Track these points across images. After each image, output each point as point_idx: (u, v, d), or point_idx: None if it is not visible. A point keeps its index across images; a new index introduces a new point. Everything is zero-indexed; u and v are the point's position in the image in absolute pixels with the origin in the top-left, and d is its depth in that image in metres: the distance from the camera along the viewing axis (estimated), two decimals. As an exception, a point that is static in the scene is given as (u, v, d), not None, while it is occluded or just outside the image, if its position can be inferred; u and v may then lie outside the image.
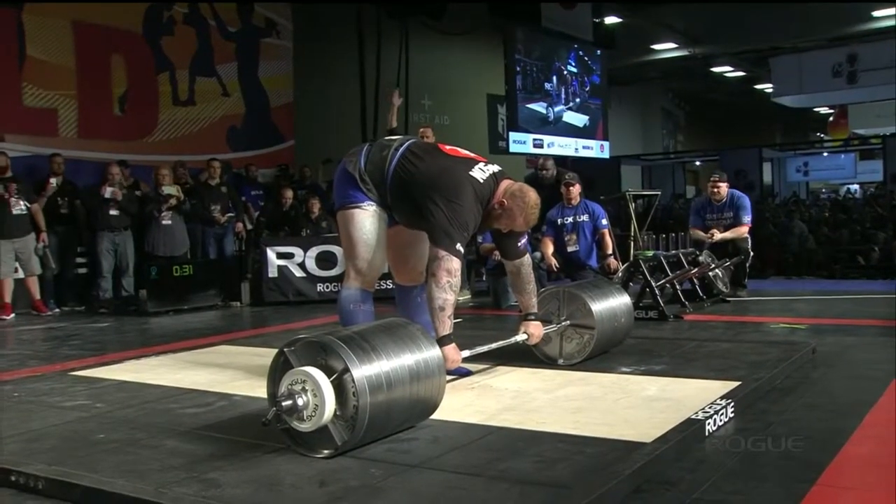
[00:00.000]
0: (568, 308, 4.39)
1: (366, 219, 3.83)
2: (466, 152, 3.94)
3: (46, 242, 8.39)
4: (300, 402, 2.75)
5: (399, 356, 2.90)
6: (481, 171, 3.75)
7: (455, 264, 3.54)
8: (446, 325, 3.57)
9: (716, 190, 7.67)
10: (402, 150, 3.81)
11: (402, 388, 2.88)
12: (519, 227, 3.81)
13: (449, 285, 3.53)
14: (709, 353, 4.60)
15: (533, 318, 4.14)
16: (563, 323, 4.37)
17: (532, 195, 3.76)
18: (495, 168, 3.83)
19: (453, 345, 3.62)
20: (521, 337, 4.12)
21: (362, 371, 2.76)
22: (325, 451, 2.80)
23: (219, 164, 9.74)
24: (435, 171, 3.71)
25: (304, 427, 2.79)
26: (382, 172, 3.79)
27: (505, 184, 3.77)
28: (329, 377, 2.77)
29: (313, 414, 2.76)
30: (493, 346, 4.04)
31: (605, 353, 4.51)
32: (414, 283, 4.17)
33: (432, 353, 3.04)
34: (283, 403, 2.76)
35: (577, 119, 17.34)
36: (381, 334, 2.96)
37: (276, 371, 2.90)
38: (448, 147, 3.96)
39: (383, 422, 2.87)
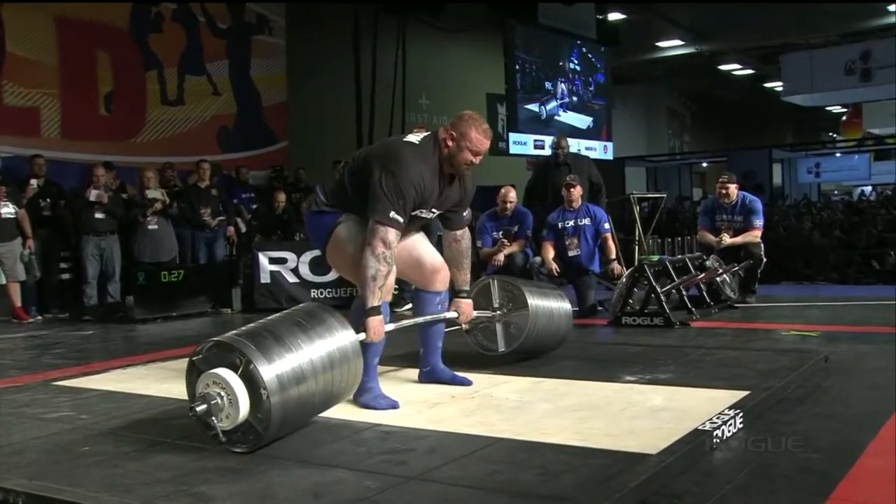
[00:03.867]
0: (502, 297, 4.57)
1: (345, 230, 3.83)
2: None
3: (32, 249, 8.38)
4: (214, 403, 2.94)
5: (309, 343, 3.11)
6: (415, 136, 3.89)
7: (391, 235, 3.58)
8: (376, 296, 3.58)
9: (724, 191, 7.65)
10: (348, 162, 3.95)
11: (315, 373, 3.09)
12: (479, 144, 3.80)
13: (383, 256, 3.57)
14: (717, 362, 4.60)
15: (465, 295, 4.19)
16: (501, 311, 4.56)
17: (470, 112, 3.87)
18: (424, 133, 3.95)
19: (380, 317, 3.62)
20: (451, 314, 4.13)
21: (266, 364, 2.95)
22: (246, 446, 3.00)
23: (209, 165, 9.73)
24: (375, 150, 3.90)
25: (224, 426, 2.96)
26: (342, 185, 3.87)
27: (441, 128, 3.86)
28: (236, 373, 2.96)
29: (230, 412, 2.95)
30: (419, 319, 4.03)
31: (598, 360, 4.50)
32: (437, 287, 4.11)
33: (345, 335, 3.26)
34: (198, 409, 2.95)
35: (581, 121, 17.33)
36: (286, 322, 3.19)
37: (190, 380, 3.09)
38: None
39: (300, 408, 3.09)
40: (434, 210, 3.87)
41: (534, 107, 15.99)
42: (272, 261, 8.72)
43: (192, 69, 11.84)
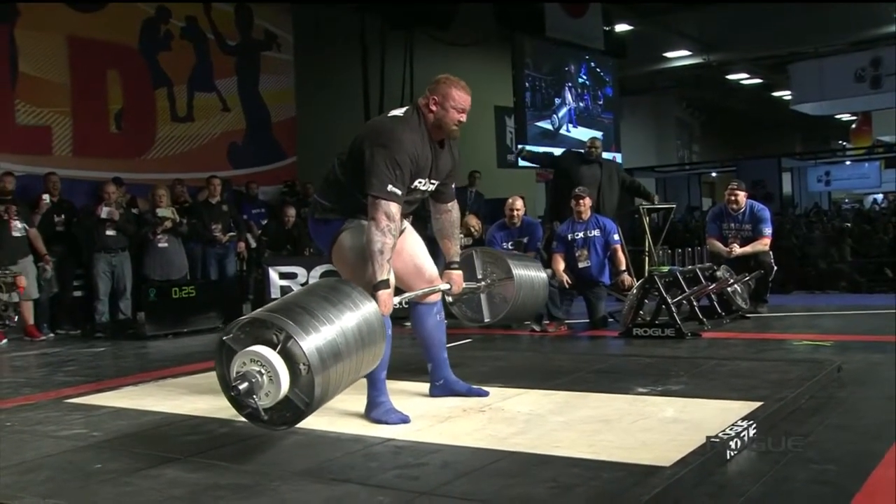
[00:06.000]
0: (486, 268, 4.71)
1: (349, 237, 3.84)
2: None
3: (51, 266, 8.42)
4: (255, 381, 2.92)
5: (339, 316, 3.12)
6: (398, 110, 3.93)
7: (392, 208, 3.59)
8: (384, 269, 3.58)
9: (733, 198, 7.64)
10: (336, 159, 3.97)
11: (347, 342, 3.10)
12: (462, 101, 3.85)
13: (388, 228, 3.57)
14: (729, 373, 4.58)
15: (456, 266, 4.21)
16: (485, 281, 4.68)
17: (442, 75, 3.92)
18: (406, 107, 3.96)
19: (389, 290, 3.62)
20: (444, 286, 4.13)
21: (305, 336, 2.95)
22: (288, 422, 3.04)
23: (219, 181, 9.78)
24: (363, 132, 3.87)
25: (265, 403, 2.95)
26: (336, 181, 3.89)
27: (420, 98, 3.90)
28: (274, 349, 2.95)
29: (270, 390, 2.93)
30: (419, 292, 4.02)
31: (609, 372, 4.49)
32: (434, 297, 4.14)
33: (369, 307, 3.29)
34: (241, 387, 2.91)
35: (590, 135, 17.24)
36: (313, 297, 3.20)
37: (222, 359, 3.06)
38: None
39: (337, 378, 3.08)
40: (433, 181, 3.89)
41: (544, 123, 15.95)
42: (282, 276, 8.73)
43: (202, 86, 11.90)
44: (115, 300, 8.71)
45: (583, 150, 9.02)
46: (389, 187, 3.59)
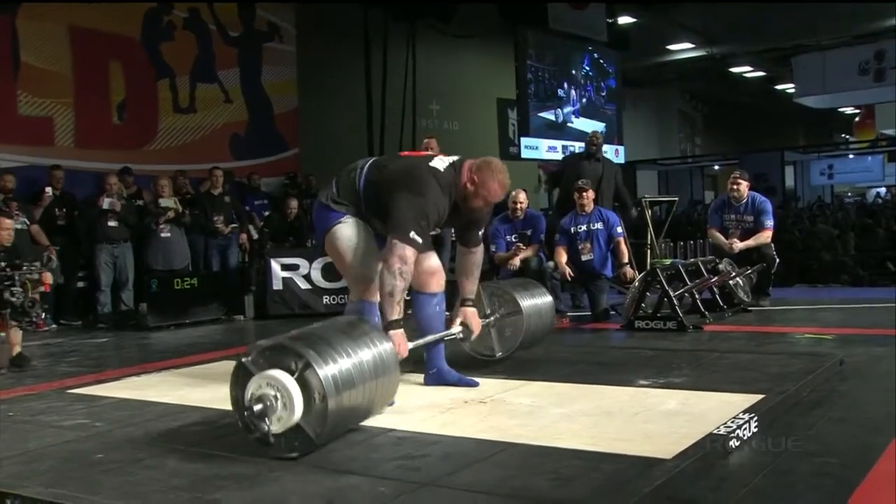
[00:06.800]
0: (493, 302, 4.72)
1: (346, 229, 4.01)
2: (423, 152, 4.26)
3: (55, 257, 8.39)
4: (269, 405, 2.95)
5: (357, 351, 3.15)
6: (441, 162, 4.02)
7: (408, 252, 3.71)
8: (395, 311, 3.72)
9: (735, 187, 7.62)
10: (367, 166, 4.09)
11: (363, 379, 3.12)
12: (495, 196, 4.00)
13: (399, 272, 3.69)
14: (730, 365, 4.58)
15: (471, 304, 4.32)
16: (494, 316, 4.70)
17: (496, 161, 4.02)
18: (454, 158, 4.07)
19: (401, 331, 3.74)
20: (456, 329, 4.27)
21: (324, 366, 2.98)
22: (298, 450, 3.00)
23: (221, 172, 9.76)
24: (400, 170, 3.98)
25: (275, 429, 2.97)
26: (355, 189, 4.03)
27: (468, 163, 4.00)
28: (292, 376, 2.98)
29: (282, 415, 2.96)
30: (433, 337, 4.14)
31: (611, 364, 4.50)
32: (433, 289, 4.21)
33: (386, 346, 3.31)
34: (255, 408, 2.95)
35: (593, 126, 17.14)
36: (332, 329, 3.25)
37: (238, 381, 3.08)
38: (405, 152, 4.29)
39: (349, 413, 3.12)
40: (437, 229, 4.07)
41: (547, 114, 15.96)
42: (284, 267, 8.74)
43: (204, 77, 11.89)
44: (118, 291, 8.72)
45: (582, 150, 9.03)
46: (412, 234, 3.72)
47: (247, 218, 10.05)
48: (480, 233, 4.31)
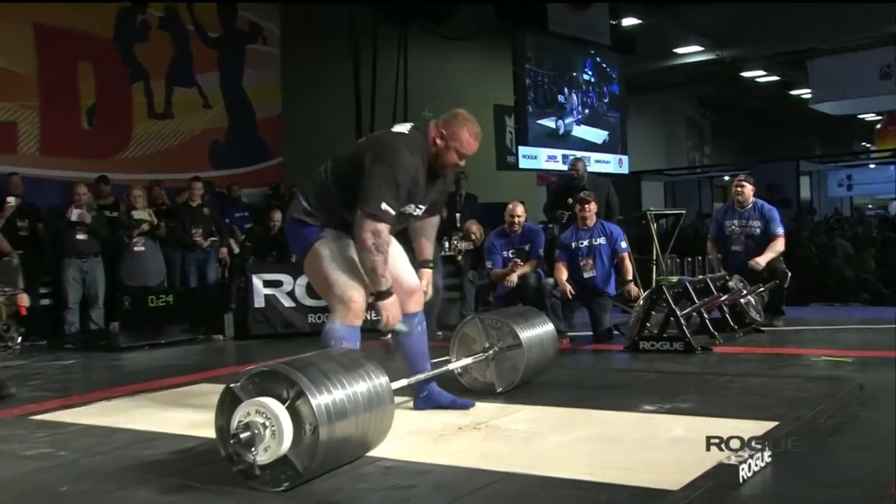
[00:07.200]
0: (491, 335, 4.67)
1: (325, 246, 3.98)
2: None
3: (16, 259, 8.30)
4: (257, 433, 2.92)
5: (351, 382, 3.14)
6: (402, 126, 4.09)
7: (380, 226, 3.73)
8: (381, 282, 3.78)
9: (739, 189, 7.66)
10: (330, 160, 4.15)
11: (357, 413, 3.11)
12: (467, 146, 3.98)
13: (375, 247, 3.73)
14: (742, 390, 4.58)
15: (430, 266, 4.37)
16: (493, 349, 4.64)
17: (463, 111, 4.06)
18: (410, 124, 4.14)
19: (393, 297, 3.80)
20: (444, 369, 4.34)
21: (317, 396, 2.97)
22: (285, 484, 2.97)
23: (201, 183, 9.74)
24: (365, 144, 4.08)
25: (262, 459, 2.94)
26: (325, 187, 4.03)
27: (433, 122, 4.03)
28: (283, 404, 2.97)
29: (270, 445, 2.94)
30: (422, 376, 4.15)
31: (613, 387, 4.49)
32: (411, 309, 4.20)
33: (382, 380, 3.30)
34: (242, 436, 2.93)
35: (596, 135, 17.25)
36: (326, 359, 3.26)
37: (224, 408, 3.07)
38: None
39: (340, 448, 3.09)
40: (420, 206, 4.01)
41: (547, 122, 15.96)
42: (267, 284, 8.73)
43: (181, 80, 11.92)
44: (87, 309, 8.68)
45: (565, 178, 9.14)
46: (383, 205, 3.71)
47: (227, 231, 10.05)
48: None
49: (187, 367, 6.90)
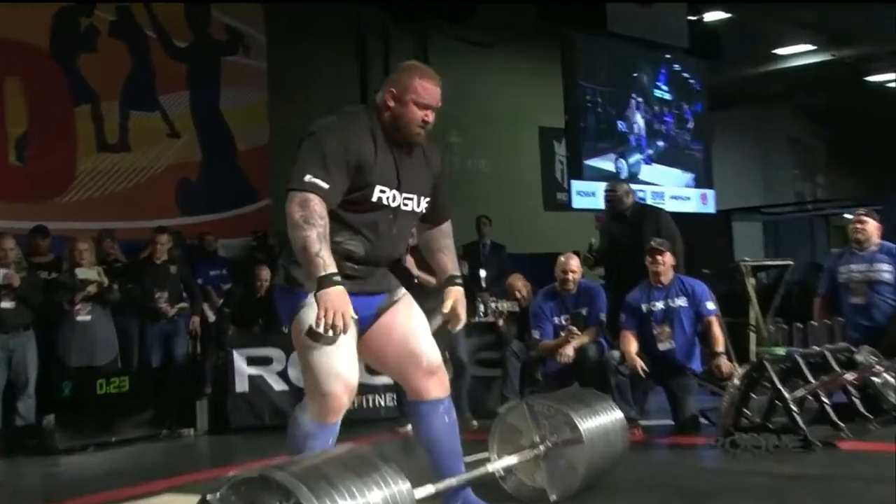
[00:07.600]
0: (543, 426, 4.67)
1: (309, 314, 3.90)
2: None
3: None
4: None
5: (363, 491, 3.14)
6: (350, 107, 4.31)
7: (308, 195, 3.77)
8: (318, 264, 3.70)
9: (859, 226, 7.60)
10: None
11: None
12: (424, 93, 4.04)
13: (304, 219, 3.74)
14: (879, 501, 4.50)
15: (459, 282, 4.32)
16: (545, 444, 4.64)
17: (410, 61, 4.26)
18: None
19: (339, 288, 3.69)
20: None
21: None
22: None
23: (167, 235, 9.75)
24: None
25: None
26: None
27: (378, 92, 4.15)
28: None
29: None
30: (452, 481, 4.07)
31: (702, 494, 4.39)
32: (435, 394, 4.17)
33: (402, 487, 3.29)
34: None
35: (674, 178, 17.11)
36: (334, 463, 3.25)
37: None
38: None
39: None
40: (406, 194, 4.05)
41: (602, 161, 15.67)
42: (252, 361, 8.80)
43: (140, 103, 12.05)
44: (12, 399, 8.59)
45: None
46: (307, 177, 3.79)
47: (200, 294, 10.06)
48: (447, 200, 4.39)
49: (147, 471, 6.92)
